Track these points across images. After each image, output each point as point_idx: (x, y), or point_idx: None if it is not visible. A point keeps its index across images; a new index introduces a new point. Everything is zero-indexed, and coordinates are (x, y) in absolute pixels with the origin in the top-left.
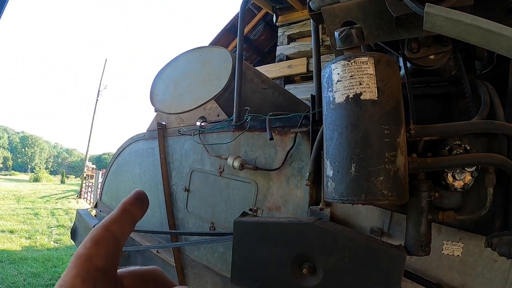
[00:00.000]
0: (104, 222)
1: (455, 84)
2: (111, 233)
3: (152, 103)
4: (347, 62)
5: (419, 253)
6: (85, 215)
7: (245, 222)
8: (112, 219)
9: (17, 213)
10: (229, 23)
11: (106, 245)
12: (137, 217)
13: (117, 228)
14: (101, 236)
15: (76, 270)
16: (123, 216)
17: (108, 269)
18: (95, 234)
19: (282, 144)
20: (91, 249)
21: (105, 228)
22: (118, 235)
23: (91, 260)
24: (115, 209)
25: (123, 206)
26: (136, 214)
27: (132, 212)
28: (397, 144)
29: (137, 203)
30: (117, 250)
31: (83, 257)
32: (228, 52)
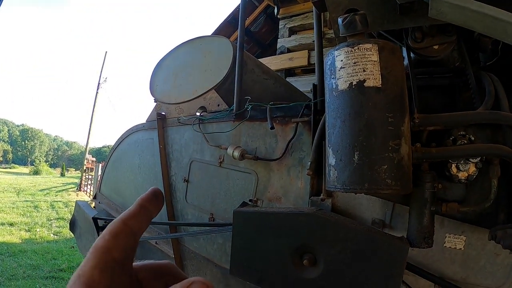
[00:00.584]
0: (122, 216)
1: (459, 75)
2: (128, 227)
3: (151, 93)
4: (350, 49)
5: (421, 245)
6: (84, 207)
7: (245, 212)
8: (130, 214)
9: (17, 206)
10: (230, 15)
11: (123, 238)
12: (153, 214)
13: (134, 223)
14: (120, 229)
15: (95, 261)
16: (140, 212)
17: (125, 261)
18: (114, 227)
19: (283, 134)
20: (109, 241)
21: (123, 222)
22: (135, 230)
23: (109, 252)
24: (132, 205)
25: (140, 203)
26: (152, 210)
27: (148, 208)
28: (401, 133)
29: (153, 200)
30: (133, 243)
31: (102, 249)
32: (229, 42)
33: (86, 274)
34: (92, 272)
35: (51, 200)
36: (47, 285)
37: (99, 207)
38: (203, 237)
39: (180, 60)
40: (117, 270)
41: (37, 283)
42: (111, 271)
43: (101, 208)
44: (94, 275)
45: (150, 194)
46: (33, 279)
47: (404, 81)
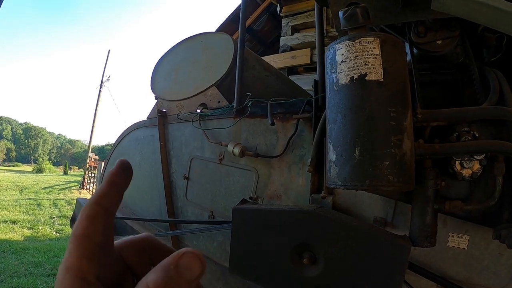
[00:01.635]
0: (94, 197)
1: (462, 71)
2: (102, 207)
3: (152, 90)
4: (351, 42)
5: (424, 244)
6: (84, 204)
7: (244, 209)
8: (102, 193)
9: (20, 204)
10: (232, 13)
11: (101, 220)
12: (124, 187)
13: (108, 201)
14: (95, 212)
15: (79, 251)
16: (112, 188)
17: (106, 243)
18: (89, 211)
19: (284, 131)
20: (88, 228)
21: (96, 203)
22: (109, 208)
23: (90, 238)
24: (102, 182)
25: (110, 179)
26: (123, 184)
27: (119, 182)
28: (404, 128)
29: (122, 173)
30: (111, 223)
31: (83, 237)
32: (230, 38)
33: (74, 266)
34: (80, 262)
35: (54, 198)
36: (48, 282)
37: None
38: (203, 234)
39: (181, 57)
40: (102, 254)
41: (39, 281)
42: (97, 257)
43: None
44: (82, 264)
45: (119, 167)
46: (35, 276)
47: (407, 76)
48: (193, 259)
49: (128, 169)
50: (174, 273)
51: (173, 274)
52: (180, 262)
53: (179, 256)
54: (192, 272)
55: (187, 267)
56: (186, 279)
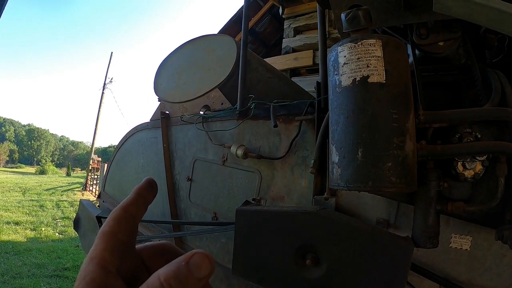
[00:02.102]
0: (122, 204)
1: (464, 72)
2: (129, 213)
3: (155, 93)
4: (354, 44)
5: (426, 245)
6: (87, 205)
7: (247, 210)
8: (129, 202)
9: (23, 205)
10: (235, 15)
11: (126, 223)
12: (149, 201)
13: (134, 209)
14: (121, 216)
15: (104, 245)
16: (138, 199)
17: (129, 243)
18: (116, 214)
19: (287, 133)
20: (114, 226)
21: (123, 209)
22: (135, 215)
23: (115, 235)
24: (130, 193)
25: (137, 191)
26: (148, 198)
27: (144, 196)
28: (406, 130)
29: (148, 189)
30: (135, 227)
31: (109, 234)
32: (232, 40)
33: (98, 256)
34: (103, 254)
35: (57, 199)
36: (51, 283)
37: (103, 206)
38: (206, 236)
39: (183, 59)
40: (124, 251)
41: (42, 282)
42: (119, 252)
43: (105, 207)
44: (105, 256)
45: (146, 183)
46: (38, 277)
47: (409, 77)
48: (203, 259)
49: (154, 186)
50: (185, 269)
51: (183, 270)
52: (190, 260)
53: (190, 255)
54: (201, 270)
55: (196, 265)
56: (194, 276)
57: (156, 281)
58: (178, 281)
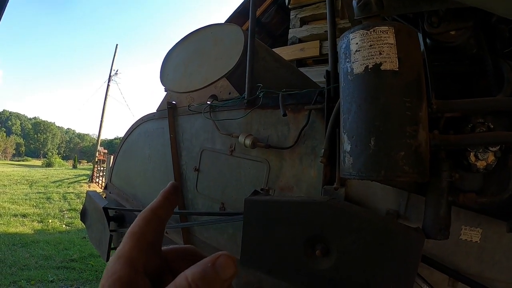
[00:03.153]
0: (151, 206)
1: (476, 62)
2: (157, 215)
3: (162, 83)
4: (366, 31)
5: (437, 236)
6: (94, 197)
7: (256, 200)
8: (158, 205)
9: (30, 198)
10: (240, 6)
11: (154, 224)
12: (174, 204)
13: (162, 212)
14: (151, 217)
15: (132, 244)
16: (165, 203)
17: (155, 243)
18: (146, 215)
19: (295, 122)
20: (143, 227)
21: (153, 211)
22: (162, 218)
23: (144, 235)
24: (157, 196)
25: (164, 195)
26: (174, 201)
27: (171, 199)
28: (419, 118)
29: (174, 193)
30: (162, 229)
31: (138, 234)
32: (240, 29)
33: (126, 255)
34: (131, 253)
35: (63, 191)
36: (58, 274)
37: (110, 197)
38: (214, 227)
39: (190, 49)
40: (150, 251)
41: (49, 273)
42: (146, 252)
43: (112, 198)
44: (133, 255)
45: (171, 187)
46: (45, 269)
47: (421, 65)
48: (228, 261)
49: (178, 190)
50: (211, 270)
51: (210, 270)
52: (216, 262)
53: (216, 257)
54: (226, 271)
55: (222, 267)
56: (220, 277)
57: (184, 281)
58: (205, 281)
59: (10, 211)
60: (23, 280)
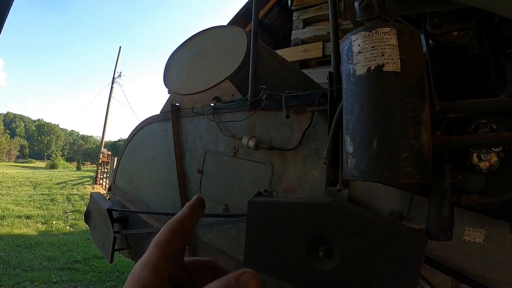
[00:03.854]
0: (178, 217)
1: (478, 63)
2: (183, 226)
3: (165, 85)
4: (368, 33)
5: (440, 237)
6: (98, 198)
7: (259, 202)
8: (185, 216)
9: (34, 199)
10: (243, 8)
11: (180, 236)
12: (199, 217)
13: (188, 223)
14: (178, 228)
15: (158, 253)
16: (191, 215)
17: (180, 255)
18: (173, 226)
19: (299, 124)
20: (170, 238)
21: (180, 222)
22: (188, 229)
23: (170, 246)
24: (183, 208)
25: (190, 208)
26: (199, 214)
27: (196, 212)
28: (421, 120)
29: (198, 206)
30: (186, 241)
31: (164, 244)
32: (242, 31)
33: (152, 263)
34: (158, 262)
35: (67, 193)
36: (62, 276)
37: (114, 199)
38: (217, 228)
39: (193, 51)
40: (175, 261)
41: (53, 274)
42: (171, 262)
43: (116, 200)
44: (159, 264)
45: (197, 200)
46: (49, 270)
47: (424, 66)
48: (251, 278)
49: (203, 203)
50: (234, 285)
51: (234, 285)
52: (240, 278)
53: (240, 273)
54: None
55: (245, 283)
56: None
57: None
58: None
59: (14, 212)
60: (27, 281)
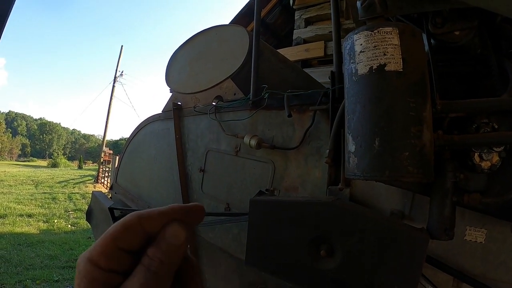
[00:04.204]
0: (140, 213)
1: (480, 62)
2: (140, 225)
3: (167, 84)
4: (370, 32)
5: (442, 237)
6: (100, 197)
7: (261, 201)
8: (147, 214)
9: (35, 198)
10: (244, 7)
11: (133, 232)
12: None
13: (148, 223)
14: (131, 224)
15: (102, 248)
16: (158, 216)
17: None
18: (128, 220)
19: (300, 123)
20: (119, 232)
21: (138, 218)
22: (147, 229)
23: (115, 241)
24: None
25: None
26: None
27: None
28: (423, 119)
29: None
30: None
31: (111, 237)
32: (244, 30)
33: (94, 259)
34: (99, 257)
35: (69, 192)
36: (64, 274)
37: (116, 198)
38: (218, 227)
39: (195, 50)
40: (125, 258)
41: (54, 273)
42: (117, 258)
43: (118, 199)
44: (100, 260)
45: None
46: (51, 268)
47: (426, 66)
48: (176, 228)
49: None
50: (164, 243)
51: (163, 242)
52: (166, 233)
53: (166, 228)
54: (177, 238)
55: (172, 236)
56: (174, 244)
57: (146, 258)
58: (161, 252)
59: (16, 211)
60: (29, 279)
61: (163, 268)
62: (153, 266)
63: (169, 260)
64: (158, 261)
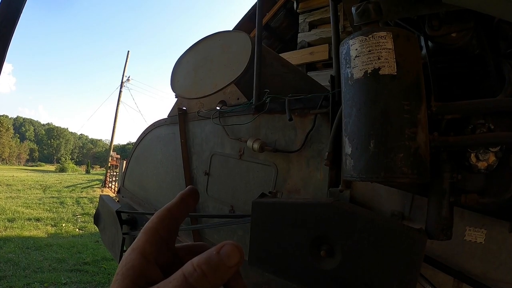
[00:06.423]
0: (167, 206)
1: (478, 63)
2: (171, 213)
3: (172, 89)
4: (365, 37)
5: (440, 237)
6: (107, 200)
7: (263, 203)
8: (173, 204)
9: (43, 202)
10: (250, 11)
11: (168, 222)
12: (191, 206)
13: (176, 211)
14: (165, 215)
15: (146, 237)
16: (181, 203)
17: (169, 240)
18: (160, 213)
19: (302, 126)
20: (157, 223)
21: (167, 210)
22: (177, 216)
23: (157, 231)
24: (175, 198)
25: (180, 196)
26: (190, 203)
27: (187, 201)
28: (418, 121)
29: (191, 195)
30: (176, 227)
31: (152, 229)
32: (247, 36)
33: (139, 247)
34: (144, 245)
35: (77, 196)
36: (71, 277)
37: (123, 201)
38: (224, 229)
39: (199, 56)
40: (163, 246)
41: (62, 276)
42: (158, 246)
43: (125, 202)
44: (146, 247)
45: (188, 190)
46: (58, 271)
47: (420, 69)
48: (232, 249)
49: (196, 193)
50: (215, 257)
51: (215, 258)
52: (221, 250)
53: (221, 245)
54: (230, 259)
55: (227, 255)
56: (224, 264)
57: (190, 266)
58: (209, 266)
59: (24, 215)
60: (37, 282)
61: (203, 283)
62: (193, 278)
63: (213, 278)
64: (200, 273)
